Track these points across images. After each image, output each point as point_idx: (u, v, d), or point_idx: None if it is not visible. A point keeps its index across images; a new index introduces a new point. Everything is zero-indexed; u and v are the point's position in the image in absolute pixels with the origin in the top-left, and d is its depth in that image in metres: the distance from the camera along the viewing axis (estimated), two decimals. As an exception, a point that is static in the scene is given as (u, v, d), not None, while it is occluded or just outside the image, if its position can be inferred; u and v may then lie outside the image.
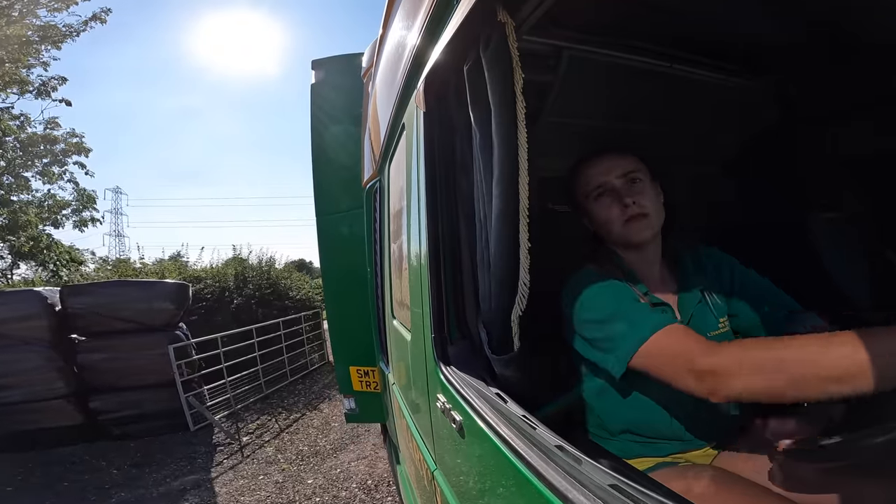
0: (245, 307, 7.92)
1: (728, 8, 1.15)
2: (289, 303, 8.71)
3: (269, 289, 8.50)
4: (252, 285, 8.31)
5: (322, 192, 2.93)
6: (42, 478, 4.04)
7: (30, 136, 11.78)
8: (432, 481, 1.18)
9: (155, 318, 5.26)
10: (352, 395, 2.96)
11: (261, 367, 6.21)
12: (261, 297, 8.26)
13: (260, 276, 8.60)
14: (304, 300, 9.16)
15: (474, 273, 0.97)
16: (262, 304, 8.24)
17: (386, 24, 1.67)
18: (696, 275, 1.13)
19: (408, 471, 1.77)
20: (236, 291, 8.11)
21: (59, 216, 12.67)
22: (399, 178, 1.50)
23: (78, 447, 4.64)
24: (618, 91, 1.43)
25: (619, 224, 1.02)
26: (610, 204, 1.03)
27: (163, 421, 4.99)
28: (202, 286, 7.84)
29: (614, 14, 1.17)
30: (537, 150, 0.76)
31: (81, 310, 4.98)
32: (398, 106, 1.42)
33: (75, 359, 4.94)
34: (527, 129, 0.74)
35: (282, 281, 9.09)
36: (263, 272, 8.85)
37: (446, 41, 0.83)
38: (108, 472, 4.16)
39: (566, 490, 0.52)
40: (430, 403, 1.13)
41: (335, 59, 2.93)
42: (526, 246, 0.76)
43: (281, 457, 4.37)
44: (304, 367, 7.58)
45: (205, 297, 7.71)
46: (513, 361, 0.86)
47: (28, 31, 10.04)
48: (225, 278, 8.24)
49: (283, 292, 8.85)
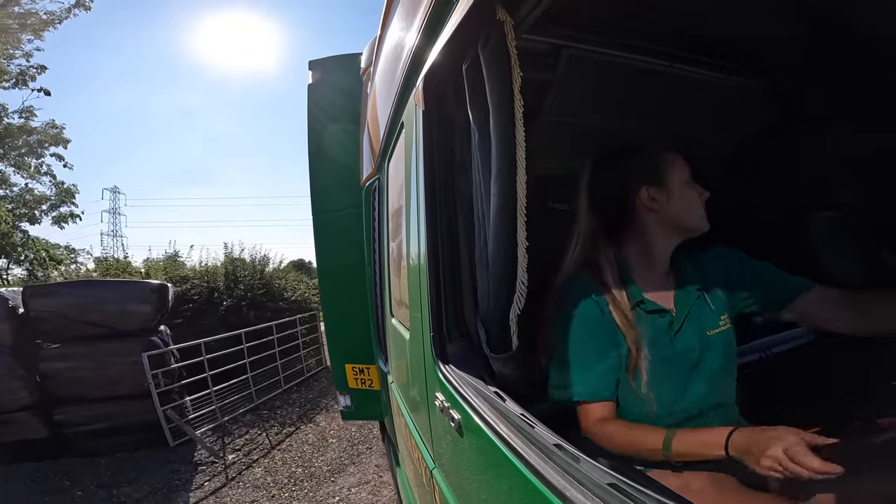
0: (235, 309, 7.31)
1: (727, 7, 1.15)
2: (283, 304, 8.21)
3: (262, 289, 7.94)
4: (243, 286, 7.72)
5: (318, 191, 2.96)
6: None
7: (6, 126, 11.17)
8: (431, 480, 1.18)
9: (129, 322, 4.77)
10: (347, 392, 3.00)
11: (251, 375, 5.79)
12: (253, 298, 7.68)
13: (252, 276, 8.02)
14: (300, 302, 8.70)
15: (473, 271, 0.97)
16: (254, 305, 7.64)
17: (385, 22, 1.67)
18: (694, 273, 1.13)
19: (406, 469, 1.77)
20: (226, 292, 7.51)
21: (36, 212, 11.97)
22: (398, 177, 1.50)
23: (42, 463, 4.20)
24: (617, 90, 1.43)
25: (700, 213, 1.07)
26: (697, 194, 1.08)
27: (137, 435, 4.52)
28: (189, 286, 7.27)
29: (613, 13, 1.17)
30: (536, 149, 0.76)
31: (47, 313, 4.53)
32: (397, 104, 1.41)
33: (38, 367, 4.50)
34: (525, 128, 0.74)
35: (276, 281, 8.57)
36: (256, 272, 8.29)
37: (445, 39, 0.83)
38: (70, 494, 3.72)
39: (564, 489, 0.52)
40: (428, 402, 1.13)
41: (332, 60, 2.95)
42: (524, 244, 0.76)
43: (270, 480, 3.89)
44: (300, 373, 7.10)
45: (191, 299, 7.11)
46: (511, 360, 0.86)
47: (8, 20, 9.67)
48: (214, 278, 7.70)
49: (277, 293, 8.31)
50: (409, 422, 1.54)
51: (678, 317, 1.04)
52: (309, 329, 7.94)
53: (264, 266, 8.72)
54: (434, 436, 1.17)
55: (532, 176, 0.75)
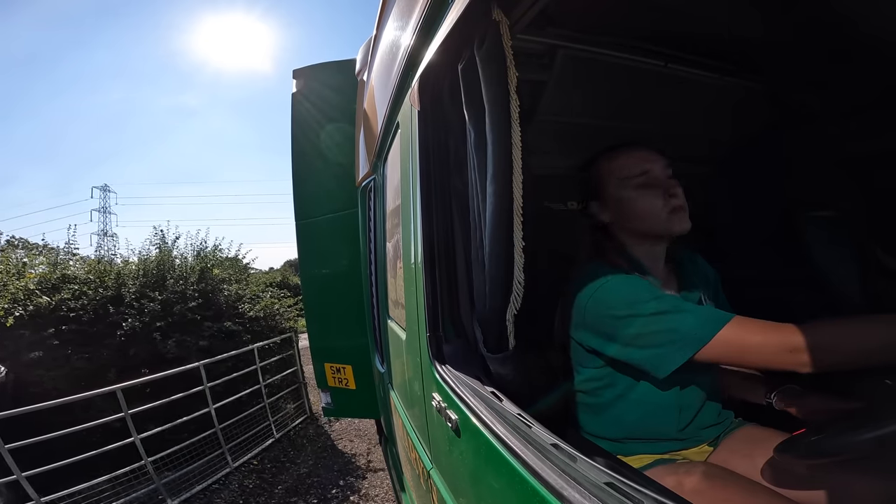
0: (143, 336, 4.43)
1: (723, 8, 1.16)
2: (234, 326, 5.16)
3: (197, 300, 4.96)
4: (162, 295, 4.77)
5: (301, 197, 3.04)
6: None
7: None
8: (428, 480, 1.18)
9: None
10: (327, 389, 3.13)
11: (149, 462, 3.34)
12: (179, 315, 4.74)
13: (180, 281, 5.05)
14: (264, 319, 5.71)
15: (469, 271, 0.97)
16: (180, 327, 4.70)
17: (380, 22, 1.67)
18: (695, 275, 1.14)
19: (404, 470, 1.77)
20: (130, 306, 4.58)
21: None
22: (393, 177, 1.49)
23: None
24: (612, 90, 1.44)
25: (664, 214, 1.00)
26: (655, 194, 1.01)
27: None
28: (69, 296, 4.36)
29: (609, 13, 1.17)
30: (531, 149, 0.76)
31: None
32: (392, 104, 1.41)
33: None
34: (521, 128, 0.73)
35: (225, 287, 5.55)
36: (192, 272, 5.27)
37: (441, 39, 0.83)
38: None
39: (561, 488, 0.52)
40: (425, 402, 1.13)
41: (316, 68, 2.99)
42: (520, 244, 0.76)
43: None
44: (264, 434, 4.57)
45: (69, 317, 4.25)
46: (508, 360, 0.86)
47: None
48: (117, 282, 4.80)
49: (224, 307, 5.31)
50: (406, 422, 1.53)
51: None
52: (279, 363, 5.24)
53: (204, 265, 5.53)
54: (431, 436, 1.17)
55: (528, 176, 0.75)
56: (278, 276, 18.09)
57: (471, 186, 0.88)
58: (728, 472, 0.90)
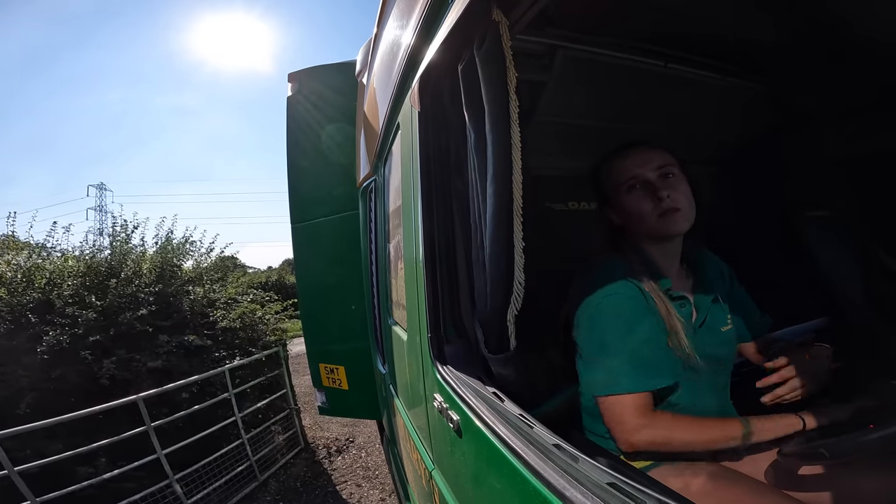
0: (73, 353, 3.45)
1: (723, 8, 1.16)
2: (199, 340, 4.09)
3: (150, 307, 3.92)
4: (103, 300, 3.78)
5: (296, 201, 3.06)
6: None
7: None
8: (430, 481, 1.18)
9: None
10: (322, 389, 3.16)
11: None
12: (127, 325, 3.74)
13: (130, 282, 4.02)
14: (241, 330, 4.61)
15: (470, 272, 0.96)
16: (128, 342, 3.72)
17: (380, 23, 1.67)
18: (710, 273, 1.14)
19: (406, 470, 1.76)
20: (60, 313, 3.61)
21: None
22: (394, 178, 1.49)
23: None
24: (612, 90, 1.44)
25: (654, 216, 1.00)
26: (643, 197, 1.01)
27: None
28: None
29: (608, 13, 1.17)
30: (531, 149, 0.76)
31: None
32: (393, 105, 1.41)
33: None
34: (520, 128, 0.73)
35: (191, 290, 4.48)
36: (147, 270, 4.27)
37: (441, 40, 0.83)
38: None
39: (564, 488, 0.52)
40: (426, 403, 1.13)
41: (311, 71, 3.00)
42: (521, 245, 0.76)
43: None
44: (246, 478, 3.59)
45: None
46: (509, 360, 0.86)
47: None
48: (50, 284, 3.79)
49: (188, 314, 4.24)
50: (407, 423, 1.53)
51: (699, 309, 1.05)
52: (267, 382, 4.23)
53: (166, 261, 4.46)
54: (433, 437, 1.17)
55: (528, 176, 0.75)
56: (274, 275, 17.40)
57: (471, 187, 0.88)
58: (735, 472, 0.90)
